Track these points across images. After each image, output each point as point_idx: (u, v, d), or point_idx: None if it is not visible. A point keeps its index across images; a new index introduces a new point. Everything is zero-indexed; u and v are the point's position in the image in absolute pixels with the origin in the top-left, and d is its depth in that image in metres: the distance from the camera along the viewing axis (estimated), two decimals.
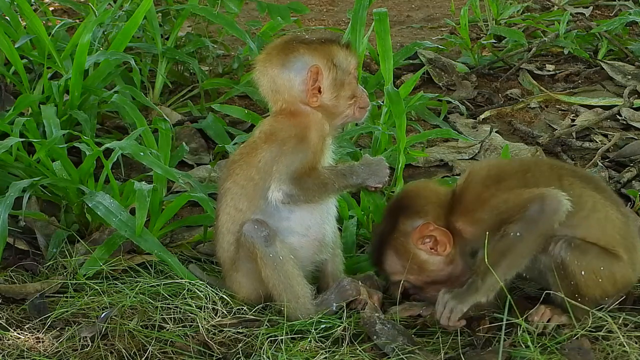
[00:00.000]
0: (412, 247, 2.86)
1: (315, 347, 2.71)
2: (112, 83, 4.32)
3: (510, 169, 2.90)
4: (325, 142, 2.89)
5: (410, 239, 2.85)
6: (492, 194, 2.79)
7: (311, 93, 2.86)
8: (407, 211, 2.87)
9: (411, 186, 3.05)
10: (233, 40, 5.54)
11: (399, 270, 2.89)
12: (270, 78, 2.89)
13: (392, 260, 2.90)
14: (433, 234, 2.83)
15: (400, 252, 2.88)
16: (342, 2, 7.28)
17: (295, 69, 2.86)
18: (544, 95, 5.00)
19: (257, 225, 2.82)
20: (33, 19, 4.11)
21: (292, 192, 2.83)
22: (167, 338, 2.78)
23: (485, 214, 2.79)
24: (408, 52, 4.82)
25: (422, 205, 2.88)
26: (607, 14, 6.55)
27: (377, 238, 2.95)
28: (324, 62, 2.87)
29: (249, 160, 2.89)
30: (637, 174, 3.98)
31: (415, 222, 2.85)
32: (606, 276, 2.75)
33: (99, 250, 3.15)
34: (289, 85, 2.87)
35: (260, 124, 2.99)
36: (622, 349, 2.63)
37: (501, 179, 2.84)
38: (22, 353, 2.72)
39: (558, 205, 2.70)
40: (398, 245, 2.87)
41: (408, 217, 2.86)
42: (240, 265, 2.89)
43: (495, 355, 2.59)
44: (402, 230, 2.86)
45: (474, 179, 2.88)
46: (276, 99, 2.91)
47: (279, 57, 2.88)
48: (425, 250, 2.86)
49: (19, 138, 3.36)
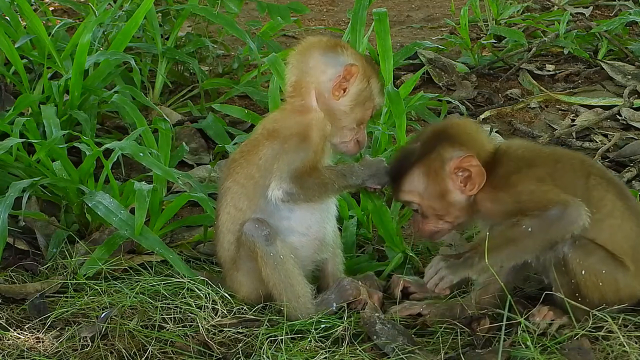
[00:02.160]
0: (445, 175, 2.79)
1: (315, 347, 2.71)
2: (112, 83, 4.33)
3: (544, 156, 2.86)
4: (326, 143, 2.90)
5: (448, 166, 2.78)
6: (521, 179, 2.76)
7: (337, 87, 2.87)
8: (453, 140, 2.80)
9: (459, 120, 2.96)
10: (233, 40, 5.54)
11: (416, 191, 2.83)
12: (307, 59, 2.90)
13: (416, 179, 2.82)
14: (472, 169, 2.77)
15: (429, 175, 2.81)
16: (342, 2, 7.28)
17: (334, 60, 2.89)
18: (544, 95, 5.00)
19: (258, 224, 2.82)
20: (33, 19, 4.11)
21: (292, 190, 2.84)
22: (167, 338, 2.78)
23: (509, 197, 2.75)
24: (408, 52, 4.82)
25: (469, 140, 2.82)
26: (607, 14, 6.55)
27: (406, 155, 2.86)
28: (362, 71, 2.90)
29: (249, 158, 2.89)
30: (637, 174, 3.98)
31: (458, 152, 2.78)
32: (608, 281, 2.73)
33: (99, 250, 3.15)
34: (320, 71, 2.88)
35: (264, 120, 3.00)
36: (622, 349, 2.62)
37: (533, 164, 2.81)
38: (22, 353, 2.72)
39: (577, 219, 2.68)
40: (431, 168, 2.80)
41: (452, 146, 2.80)
42: (241, 265, 2.89)
43: (495, 355, 2.59)
44: (442, 155, 2.79)
45: (509, 156, 2.84)
46: (298, 84, 2.91)
47: (326, 46, 2.91)
48: (455, 182, 2.79)
49: (19, 138, 3.36)
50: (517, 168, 2.80)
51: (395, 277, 3.05)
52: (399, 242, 3.21)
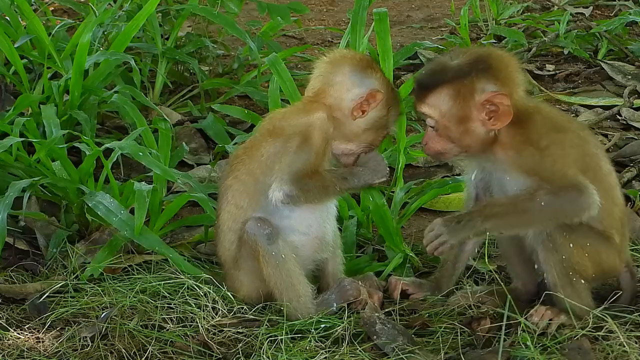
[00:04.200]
0: (473, 104, 2.72)
1: (315, 347, 2.71)
2: (112, 83, 4.33)
3: (572, 124, 2.86)
4: (329, 145, 2.90)
5: (478, 97, 2.71)
6: (549, 145, 2.72)
7: (358, 108, 2.89)
8: (491, 72, 2.73)
9: (503, 53, 2.84)
10: (233, 40, 5.54)
11: (438, 108, 2.75)
12: (336, 71, 2.92)
13: (443, 97, 2.74)
14: (501, 107, 2.70)
15: (456, 99, 2.73)
16: (342, 2, 7.28)
17: (362, 81, 2.90)
18: (544, 95, 5.00)
19: (260, 223, 2.83)
20: (33, 19, 4.11)
21: (293, 192, 2.84)
22: (167, 338, 2.78)
23: (533, 157, 2.71)
24: (408, 52, 4.82)
25: (506, 77, 2.75)
26: (607, 14, 6.55)
27: (440, 69, 2.77)
28: (386, 97, 2.91)
29: (252, 154, 2.90)
30: (637, 174, 3.98)
31: (492, 87, 2.72)
32: (592, 253, 2.74)
33: (102, 252, 3.15)
34: (345, 88, 2.90)
35: (269, 117, 3.01)
36: (622, 349, 2.62)
37: (563, 128, 2.78)
38: (22, 353, 2.72)
39: (590, 206, 2.68)
40: (460, 92, 2.72)
41: (488, 78, 2.72)
42: (242, 263, 2.89)
43: (495, 355, 2.59)
44: (475, 84, 2.72)
45: (542, 115, 2.79)
46: (320, 92, 2.92)
47: (358, 64, 2.92)
48: (480, 114, 2.72)
49: (19, 138, 3.36)
50: (547, 130, 2.75)
51: (393, 279, 3.05)
52: (399, 242, 3.21)
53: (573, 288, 2.75)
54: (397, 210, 3.38)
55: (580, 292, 2.75)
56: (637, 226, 3.44)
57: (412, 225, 3.66)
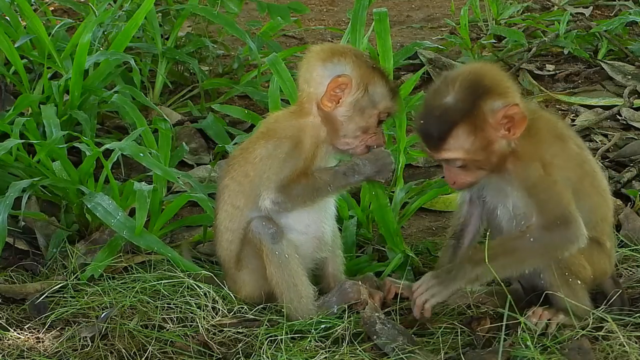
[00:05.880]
0: (490, 127, 2.72)
1: (315, 347, 2.71)
2: (112, 83, 4.33)
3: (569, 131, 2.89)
4: (320, 149, 2.88)
5: (493, 119, 2.71)
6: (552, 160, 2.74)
7: (329, 97, 2.84)
8: (491, 92, 2.73)
9: (486, 68, 2.86)
10: (233, 40, 5.55)
11: (462, 149, 2.74)
12: (309, 68, 2.89)
13: (462, 137, 2.72)
14: (516, 116, 2.71)
15: (475, 132, 2.71)
16: (342, 2, 7.28)
17: (330, 70, 2.85)
18: (544, 95, 5.00)
19: (265, 222, 2.83)
20: (33, 19, 4.11)
21: (279, 199, 2.83)
22: (167, 338, 2.78)
23: (537, 173, 2.72)
24: (408, 52, 4.82)
25: (506, 86, 2.77)
26: (607, 14, 6.55)
27: (442, 113, 2.73)
28: (357, 80, 2.85)
29: (246, 156, 2.91)
30: (637, 174, 3.98)
31: (499, 104, 2.72)
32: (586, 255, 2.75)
33: (102, 253, 3.15)
34: (318, 81, 2.86)
35: (265, 119, 3.01)
36: (622, 349, 2.62)
37: (564, 136, 2.81)
38: (22, 353, 2.72)
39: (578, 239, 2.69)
40: (476, 125, 2.71)
41: (492, 98, 2.72)
42: (245, 262, 2.90)
43: (495, 355, 2.59)
44: (484, 110, 2.71)
45: (544, 120, 2.82)
46: (303, 89, 2.91)
47: (325, 55, 2.88)
48: (500, 131, 2.73)
49: (19, 138, 3.36)
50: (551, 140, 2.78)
51: (388, 281, 3.02)
52: (400, 242, 3.21)
53: (570, 288, 2.75)
54: (397, 210, 3.38)
55: (577, 293, 2.76)
56: (637, 226, 3.44)
57: (412, 225, 3.66)
